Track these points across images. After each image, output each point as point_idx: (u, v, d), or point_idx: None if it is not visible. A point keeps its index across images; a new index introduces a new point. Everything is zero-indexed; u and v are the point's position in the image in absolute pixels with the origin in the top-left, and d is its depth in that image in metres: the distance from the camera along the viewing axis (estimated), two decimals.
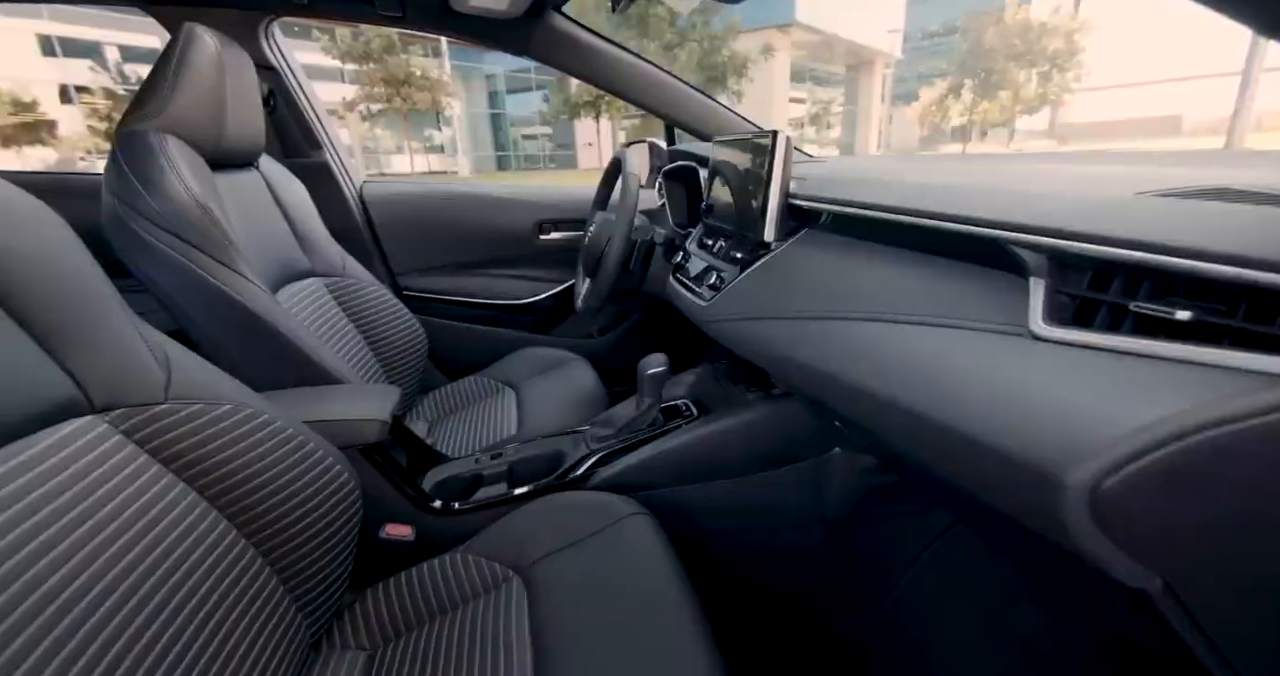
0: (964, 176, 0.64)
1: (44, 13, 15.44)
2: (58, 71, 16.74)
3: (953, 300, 0.47)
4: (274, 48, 1.25)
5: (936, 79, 28.27)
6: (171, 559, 0.46)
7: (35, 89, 15.98)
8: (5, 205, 0.45)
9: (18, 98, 15.35)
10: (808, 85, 29.87)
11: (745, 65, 18.66)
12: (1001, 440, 0.36)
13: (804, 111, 29.43)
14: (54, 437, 0.42)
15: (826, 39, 27.30)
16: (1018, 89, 24.82)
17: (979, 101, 25.87)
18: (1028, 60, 23.98)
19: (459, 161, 26.46)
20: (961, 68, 26.07)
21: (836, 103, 30.89)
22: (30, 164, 14.65)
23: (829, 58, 30.36)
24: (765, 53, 19.99)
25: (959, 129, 28.22)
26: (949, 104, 26.82)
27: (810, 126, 29.52)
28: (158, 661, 0.42)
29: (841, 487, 0.89)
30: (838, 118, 30.89)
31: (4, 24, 15.45)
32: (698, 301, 0.85)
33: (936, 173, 0.71)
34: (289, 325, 0.86)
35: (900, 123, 36.22)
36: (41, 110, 15.84)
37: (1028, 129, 31.50)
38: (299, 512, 0.59)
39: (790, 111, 27.29)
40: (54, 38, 16.51)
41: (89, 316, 0.48)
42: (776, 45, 22.42)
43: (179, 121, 0.82)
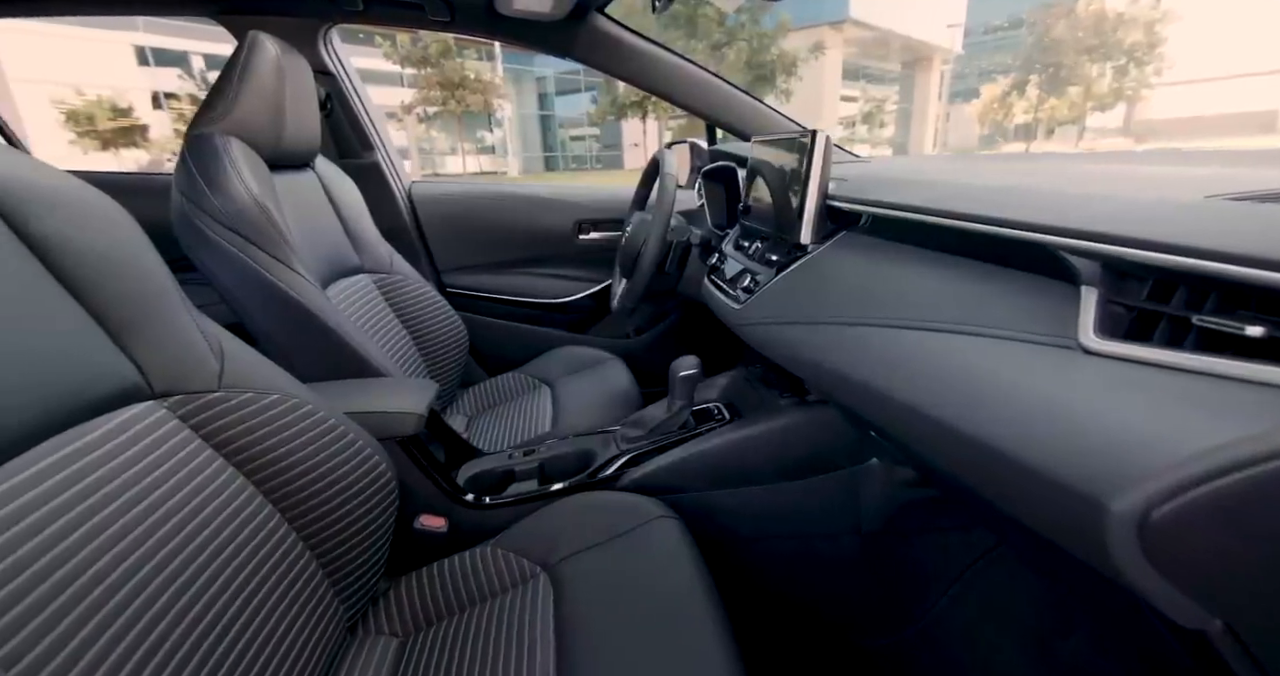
0: (1018, 177, 0.60)
1: (139, 25, 16.82)
2: (150, 79, 18.20)
3: (996, 309, 0.44)
4: (331, 54, 1.31)
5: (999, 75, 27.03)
6: (219, 539, 0.49)
7: (131, 96, 17.42)
8: (82, 205, 0.49)
9: (116, 104, 16.73)
10: (860, 83, 29.08)
11: (794, 64, 18.34)
12: (1041, 459, 0.34)
13: (856, 110, 28.68)
14: (117, 421, 0.46)
15: (881, 35, 26.51)
16: (1089, 84, 23.44)
17: (1045, 98, 24.56)
18: (1101, 54, 22.62)
19: (509, 162, 27.08)
20: (1027, 63, 24.81)
21: (890, 101, 29.97)
22: (125, 164, 15.94)
23: (884, 55, 29.47)
24: (816, 51, 19.58)
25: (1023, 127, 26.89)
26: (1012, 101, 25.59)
27: (862, 125, 28.75)
28: (203, 636, 0.45)
29: (878, 500, 0.86)
30: (891, 116, 29.96)
31: (106, 36, 16.89)
32: (731, 304, 0.83)
33: (989, 173, 0.67)
34: (337, 320, 0.90)
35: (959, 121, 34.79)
36: (136, 115, 17.23)
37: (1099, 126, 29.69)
38: (339, 500, 0.61)
39: (841, 110, 26.66)
40: (148, 48, 17.94)
41: (152, 308, 0.51)
42: (828, 42, 21.94)
43: (241, 124, 0.87)
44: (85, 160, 15.89)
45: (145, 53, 17.96)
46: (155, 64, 18.16)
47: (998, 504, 0.40)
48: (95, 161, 15.98)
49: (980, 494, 0.41)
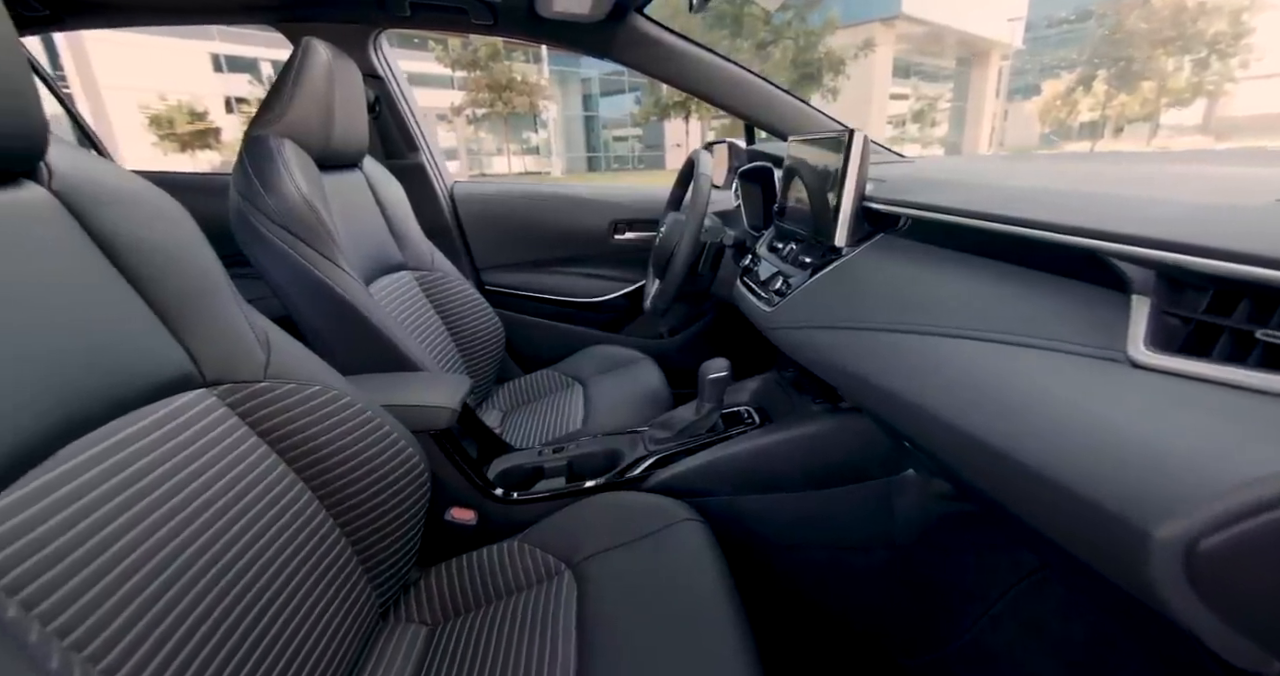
0: (1071, 177, 0.57)
1: (215, 34, 17.96)
2: (223, 85, 19.42)
3: (1038, 317, 0.42)
4: (381, 58, 1.36)
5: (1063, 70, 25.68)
6: (262, 522, 0.51)
7: (206, 101, 18.62)
8: (145, 203, 0.52)
9: (193, 108, 17.96)
10: (912, 80, 28.17)
11: (842, 62, 17.92)
12: (1077, 478, 0.32)
13: (906, 108, 27.80)
14: (171, 407, 0.48)
15: (935, 31, 25.60)
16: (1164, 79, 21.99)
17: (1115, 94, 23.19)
18: (1179, 46, 21.19)
19: (552, 162, 27.49)
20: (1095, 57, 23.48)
21: (944, 98, 28.91)
22: (199, 165, 17.07)
23: (937, 51, 28.45)
24: (865, 48, 19.08)
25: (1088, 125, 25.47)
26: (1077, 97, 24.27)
27: (913, 124, 27.85)
28: (244, 614, 0.47)
29: (913, 512, 0.83)
30: (944, 114, 28.89)
31: (185, 45, 18.15)
32: (762, 306, 0.82)
33: (1043, 173, 0.64)
34: (378, 315, 0.93)
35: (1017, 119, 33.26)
36: (210, 119, 18.40)
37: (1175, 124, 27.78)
38: (373, 489, 0.64)
39: (891, 108, 25.88)
40: (221, 56, 19.15)
41: (206, 301, 0.54)
42: (879, 39, 21.34)
43: (294, 126, 0.91)
44: (165, 161, 17.07)
45: (220, 60, 19.18)
46: (228, 70, 19.37)
47: (1030, 522, 0.38)
48: (174, 162, 17.15)
49: (1013, 511, 0.39)
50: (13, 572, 0.33)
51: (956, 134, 30.32)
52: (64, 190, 0.45)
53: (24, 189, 0.43)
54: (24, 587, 0.34)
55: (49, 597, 0.35)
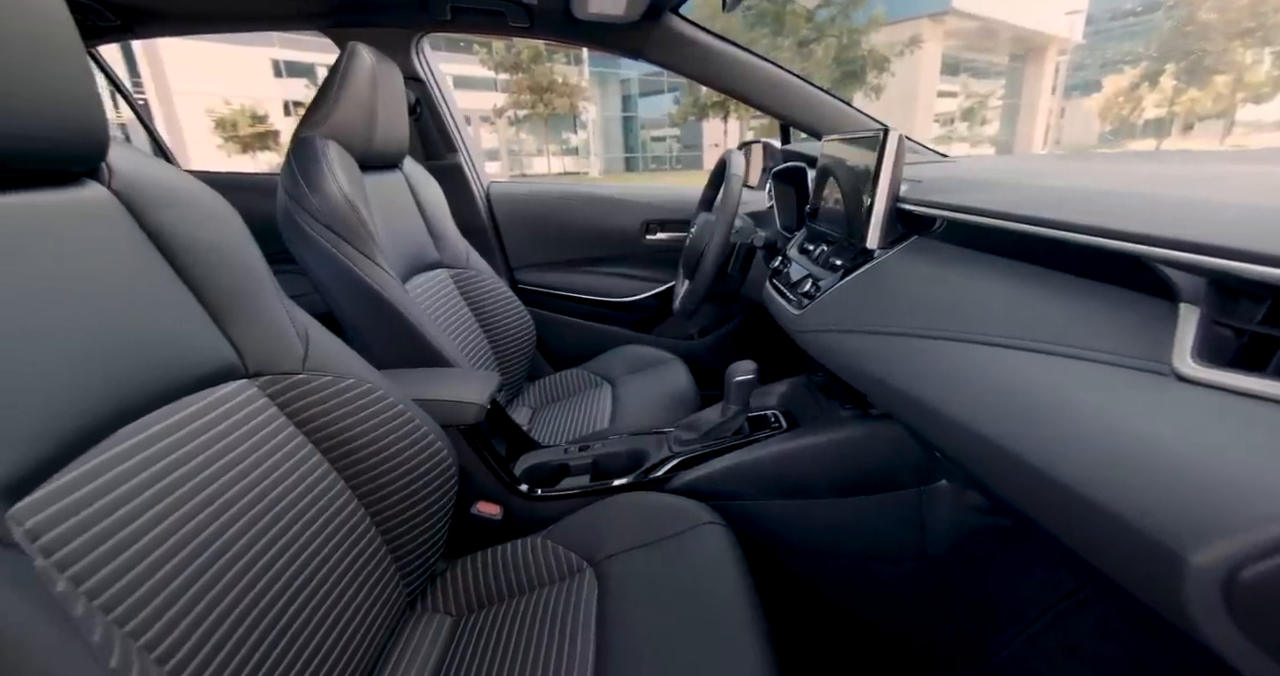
0: (1125, 178, 0.54)
1: (275, 41, 18.87)
2: (282, 90, 20.37)
3: (1076, 325, 0.40)
4: (422, 62, 1.39)
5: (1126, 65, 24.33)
6: (297, 508, 0.54)
7: (267, 104, 19.58)
8: (196, 202, 0.55)
9: (255, 112, 18.92)
10: (961, 78, 27.21)
11: (886, 59, 17.44)
12: (1111, 497, 0.30)
13: (955, 106, 26.86)
14: (215, 396, 0.51)
15: (987, 26, 24.65)
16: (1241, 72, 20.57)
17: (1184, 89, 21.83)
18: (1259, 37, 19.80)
19: (590, 163, 27.73)
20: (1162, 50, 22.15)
21: (995, 95, 27.81)
22: (259, 165, 18.01)
23: (990, 47, 27.38)
24: (912, 44, 18.53)
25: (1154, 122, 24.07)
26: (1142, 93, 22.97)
27: (962, 122, 26.89)
28: (278, 595, 0.49)
29: (946, 524, 0.80)
30: (996, 112, 27.79)
31: (248, 52, 19.15)
32: (790, 309, 0.81)
33: (1094, 173, 0.61)
34: (413, 312, 0.96)
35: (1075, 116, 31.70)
36: (270, 122, 19.35)
37: (1253, 120, 25.92)
38: (403, 480, 0.65)
39: (938, 106, 25.05)
40: (281, 62, 20.07)
41: (251, 296, 0.57)
42: (927, 35, 20.69)
43: (338, 128, 0.95)
44: (229, 162, 18.06)
45: (279, 65, 20.12)
46: (287, 75, 20.31)
47: (1062, 540, 0.36)
48: (236, 163, 18.11)
49: (1043, 527, 0.37)
50: (64, 549, 0.36)
51: (1008, 132, 29.11)
52: (123, 189, 0.48)
53: (86, 188, 0.46)
54: (74, 564, 0.36)
55: (96, 574, 0.37)
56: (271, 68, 20.13)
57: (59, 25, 0.40)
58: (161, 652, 0.38)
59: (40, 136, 0.40)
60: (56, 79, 0.40)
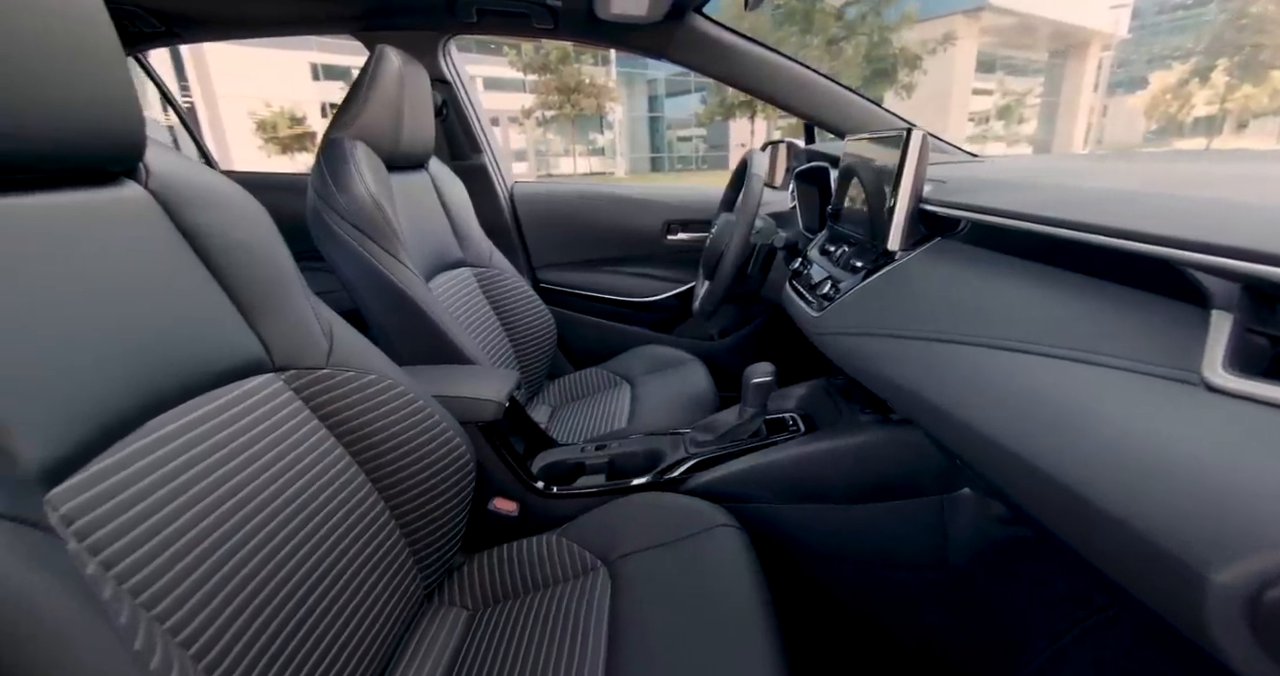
0: (1164, 179, 0.52)
1: (313, 45, 19.42)
2: (320, 92, 20.96)
3: (1101, 331, 0.38)
4: (449, 64, 1.42)
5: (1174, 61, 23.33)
6: (319, 499, 0.55)
7: (305, 107, 20.16)
8: (229, 201, 0.57)
9: (293, 114, 19.52)
10: (998, 75, 26.47)
11: (918, 56, 17.07)
12: (1130, 510, 0.29)
13: (990, 104, 26.14)
14: (242, 389, 0.53)
15: (1025, 21, 23.94)
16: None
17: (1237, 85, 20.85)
18: None
19: (616, 163, 27.83)
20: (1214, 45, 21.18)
21: (1033, 93, 26.98)
22: (298, 165, 18.57)
23: (1028, 43, 26.58)
24: (945, 41, 18.09)
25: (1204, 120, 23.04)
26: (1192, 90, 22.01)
27: (997, 120, 26.15)
28: (298, 586, 0.50)
29: (968, 533, 0.78)
30: (1034, 110, 26.95)
31: (288, 56, 19.75)
32: (808, 311, 0.80)
33: (1132, 174, 0.58)
34: (435, 310, 0.97)
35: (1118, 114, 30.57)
36: (308, 123, 19.92)
37: None
38: (422, 475, 0.67)
39: (973, 104, 24.41)
40: (318, 65, 20.64)
41: (278, 293, 0.58)
42: (961, 32, 20.18)
43: (366, 129, 0.97)
44: (269, 162, 18.65)
45: (317, 69, 20.70)
46: (324, 78, 20.87)
47: (1081, 553, 0.35)
48: (275, 163, 18.69)
49: (1062, 539, 0.36)
50: (97, 533, 0.37)
51: (1047, 131, 28.20)
52: (158, 189, 0.50)
53: (124, 187, 0.48)
54: (105, 548, 0.37)
55: (126, 559, 0.38)
56: (310, 71, 20.72)
57: (100, 32, 0.42)
58: (186, 636, 0.40)
59: (81, 138, 0.42)
60: (97, 83, 0.42)
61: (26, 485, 0.34)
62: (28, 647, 0.28)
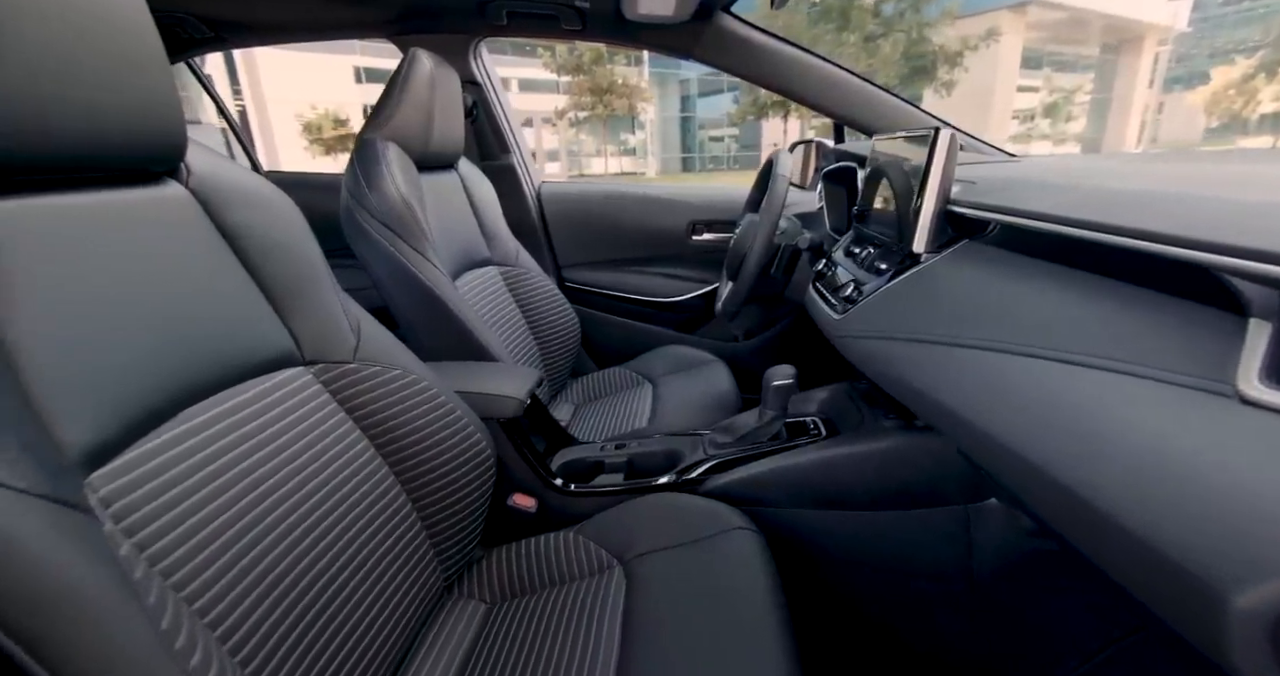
0: (1214, 180, 0.49)
1: (357, 49, 20.01)
2: (362, 95, 21.59)
3: (1132, 339, 0.37)
4: (480, 66, 1.44)
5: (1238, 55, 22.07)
6: (344, 489, 0.57)
7: (348, 109, 20.80)
8: (265, 201, 0.59)
9: (337, 116, 20.16)
10: (1044, 71, 25.48)
11: (959, 53, 16.55)
12: (1149, 527, 0.28)
13: (1036, 101, 25.18)
14: (273, 381, 0.55)
15: (1075, 16, 22.98)
16: None
17: None
18: None
19: (648, 163, 27.86)
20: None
21: (1083, 90, 25.87)
22: (340, 165, 19.09)
23: (1078, 38, 25.52)
24: (989, 37, 17.51)
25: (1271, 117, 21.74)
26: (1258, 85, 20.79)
27: (1043, 118, 25.17)
28: (321, 573, 0.52)
29: (994, 545, 0.76)
30: (1082, 108, 25.85)
31: (333, 60, 20.39)
32: (830, 313, 0.78)
33: (1179, 174, 0.56)
34: (461, 308, 0.99)
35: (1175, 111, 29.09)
36: (351, 125, 20.55)
37: None
38: (443, 469, 0.68)
39: (1017, 102, 23.54)
40: (361, 68, 21.25)
41: (309, 289, 0.61)
42: (1006, 28, 19.50)
43: (398, 130, 1.00)
44: (314, 163, 19.32)
45: (360, 72, 21.31)
46: (366, 81, 21.49)
47: (1100, 567, 0.34)
48: (320, 163, 19.34)
49: (1083, 553, 0.35)
50: (132, 516, 0.39)
51: (1096, 129, 27.01)
52: (198, 188, 0.53)
53: (166, 187, 0.50)
54: (139, 531, 0.39)
55: (158, 542, 0.40)
56: (353, 74, 21.36)
57: (146, 41, 0.44)
58: (213, 618, 0.41)
59: (127, 140, 0.44)
60: (142, 88, 0.44)
61: (69, 469, 0.36)
62: (63, 620, 0.29)
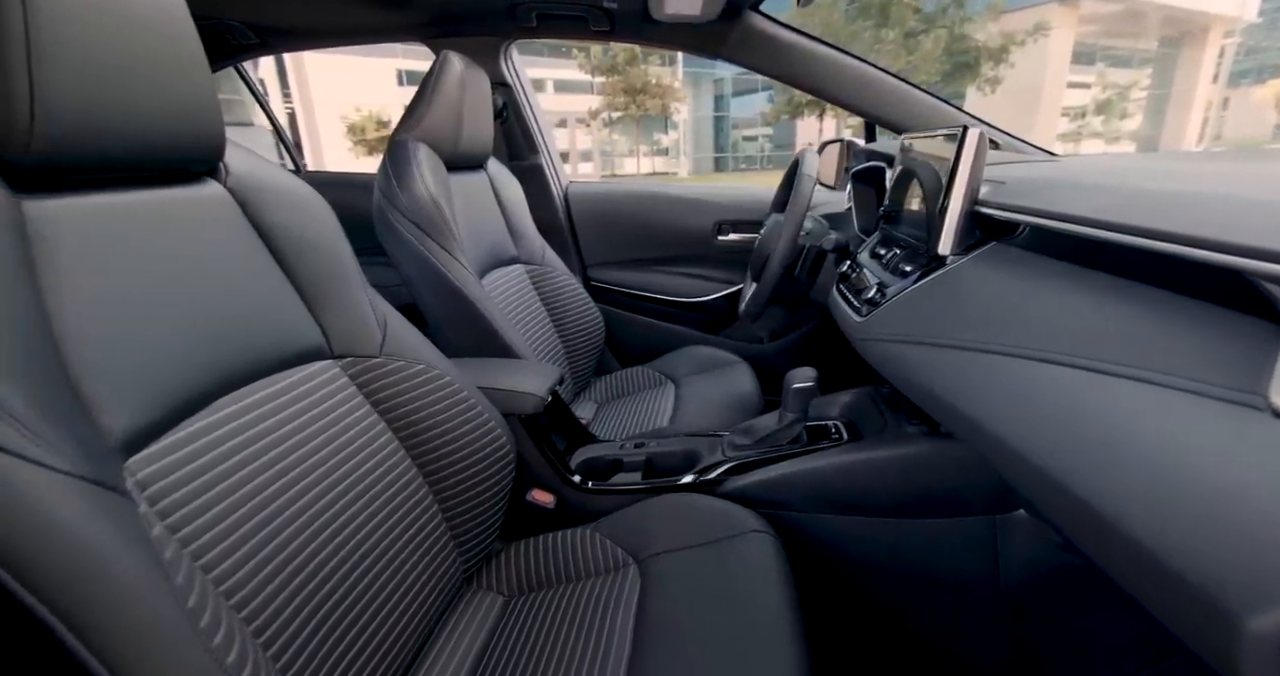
0: (1258, 182, 0.47)
1: (399, 52, 20.56)
2: (404, 97, 22.17)
3: (1160, 347, 0.35)
4: (510, 68, 1.47)
5: None
6: (368, 479, 0.59)
7: (391, 111, 21.39)
8: (299, 200, 0.61)
9: (380, 117, 20.78)
10: (1098, 66, 24.35)
11: (1004, 48, 15.94)
12: (1162, 542, 0.27)
13: (1089, 98, 24.10)
14: (304, 373, 0.57)
15: (1132, 9, 21.91)
16: None
17: None
18: None
19: (680, 163, 27.80)
20: None
21: (1139, 85, 24.63)
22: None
23: (1135, 31, 24.31)
24: (1037, 32, 16.83)
25: None
26: None
27: (1095, 116, 24.07)
28: (344, 560, 0.53)
29: (1022, 558, 0.73)
30: (1138, 104, 24.62)
31: (377, 63, 20.99)
32: (852, 315, 0.77)
33: (1221, 175, 0.53)
34: (486, 305, 1.01)
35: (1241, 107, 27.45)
36: (392, 126, 21.06)
37: None
38: (464, 463, 0.70)
39: (1067, 98, 22.56)
40: (403, 71, 21.82)
41: (339, 285, 0.63)
42: (1055, 22, 18.71)
43: (429, 131, 1.02)
44: (357, 163, 19.95)
45: (402, 75, 21.89)
46: (407, 83, 22.07)
47: (1115, 580, 0.32)
48: (363, 163, 19.98)
49: (1100, 567, 0.33)
50: (166, 499, 0.41)
51: (1154, 126, 25.66)
52: (236, 187, 0.55)
53: (206, 186, 0.53)
54: (172, 513, 0.41)
55: (190, 524, 0.42)
56: (396, 77, 21.95)
57: (189, 48, 0.47)
58: (238, 600, 0.43)
59: (170, 141, 0.47)
60: (185, 92, 0.47)
61: (110, 453, 0.38)
62: (99, 596, 0.31)
